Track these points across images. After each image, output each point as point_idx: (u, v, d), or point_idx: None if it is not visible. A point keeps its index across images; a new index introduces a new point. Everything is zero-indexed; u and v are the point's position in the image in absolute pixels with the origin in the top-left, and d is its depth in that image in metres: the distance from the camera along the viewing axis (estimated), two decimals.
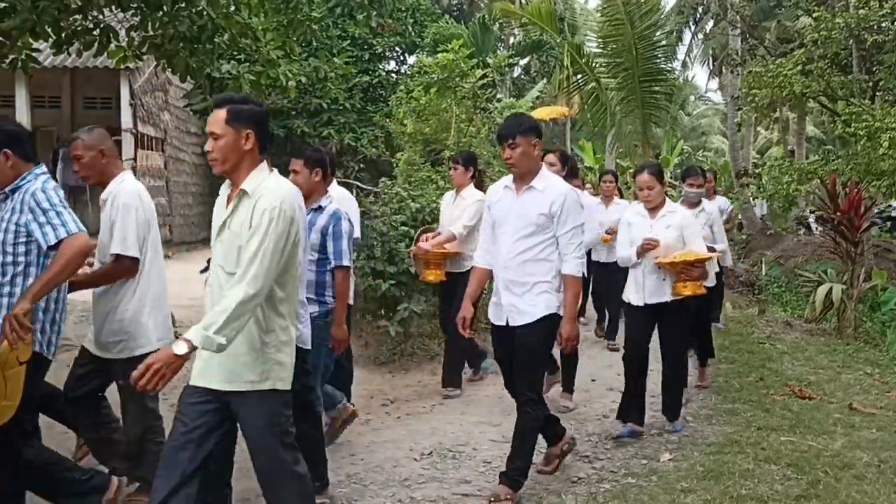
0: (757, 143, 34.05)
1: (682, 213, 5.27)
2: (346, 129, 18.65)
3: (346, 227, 4.51)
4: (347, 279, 4.58)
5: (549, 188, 4.17)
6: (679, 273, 4.99)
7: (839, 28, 11.69)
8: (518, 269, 4.16)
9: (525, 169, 4.18)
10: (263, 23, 7.09)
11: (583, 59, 16.28)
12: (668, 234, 5.10)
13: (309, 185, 4.48)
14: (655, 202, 5.20)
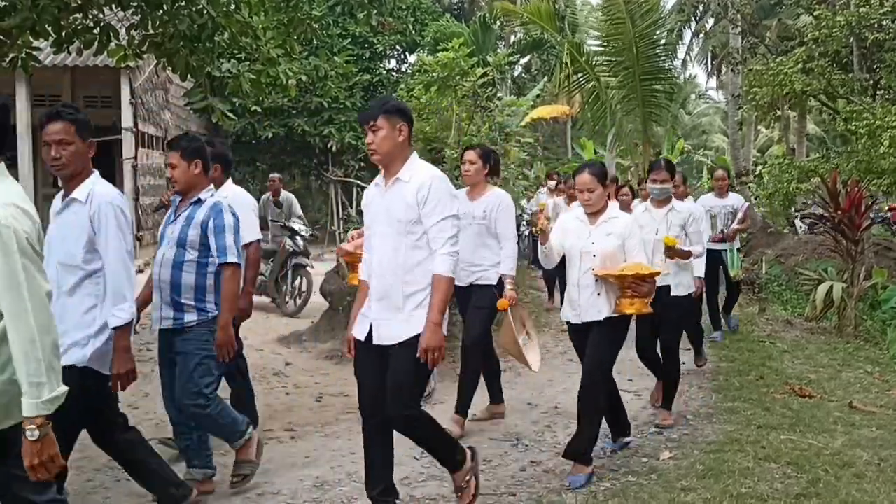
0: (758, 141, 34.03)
1: (626, 221, 4.62)
2: (346, 128, 18.66)
3: (229, 221, 4.07)
4: (236, 278, 4.15)
5: (415, 176, 3.63)
6: (626, 288, 4.37)
7: (840, 26, 11.67)
8: (391, 278, 3.62)
9: (388, 156, 3.65)
10: (264, 21, 7.10)
11: (583, 58, 16.27)
12: (608, 242, 4.48)
13: (187, 178, 4.11)
14: (596, 206, 4.55)
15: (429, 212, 3.56)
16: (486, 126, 11.02)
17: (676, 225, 5.64)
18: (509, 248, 5.32)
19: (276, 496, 4.26)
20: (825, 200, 9.67)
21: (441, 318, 3.55)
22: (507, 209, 5.37)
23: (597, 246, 4.48)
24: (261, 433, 5.53)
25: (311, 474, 4.60)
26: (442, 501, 4.13)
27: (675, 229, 5.61)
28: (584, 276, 4.48)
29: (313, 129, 18.53)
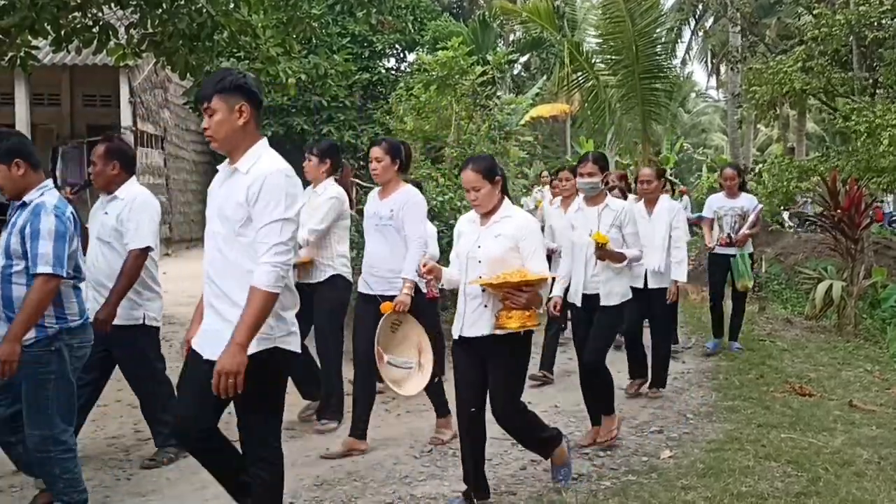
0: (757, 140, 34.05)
1: (519, 222, 3.98)
2: (346, 127, 18.63)
3: (47, 225, 3.49)
4: (46, 289, 3.47)
5: (255, 168, 3.07)
6: (504, 299, 3.81)
7: (839, 25, 11.68)
8: (220, 284, 3.11)
9: (226, 143, 3.12)
10: (263, 20, 7.09)
11: (582, 57, 16.28)
12: (496, 245, 3.90)
13: (10, 182, 3.66)
14: (485, 206, 3.98)
15: (259, 211, 3.01)
16: (486, 125, 11.03)
17: (610, 225, 5.02)
18: (414, 249, 4.75)
19: None
20: (825, 199, 9.67)
21: (248, 338, 2.92)
22: (416, 207, 4.87)
23: (483, 250, 3.93)
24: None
25: (310, 473, 4.59)
26: (442, 500, 4.13)
27: (610, 230, 5.00)
28: (470, 285, 3.95)
29: (312, 127, 18.49)
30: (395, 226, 4.83)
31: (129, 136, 14.85)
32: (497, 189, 3.98)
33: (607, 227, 4.98)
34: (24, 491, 4.45)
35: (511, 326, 3.82)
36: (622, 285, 5.00)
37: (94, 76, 15.69)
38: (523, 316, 3.82)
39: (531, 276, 3.81)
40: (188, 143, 19.10)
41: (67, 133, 16.86)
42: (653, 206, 6.54)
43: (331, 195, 5.32)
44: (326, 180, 5.45)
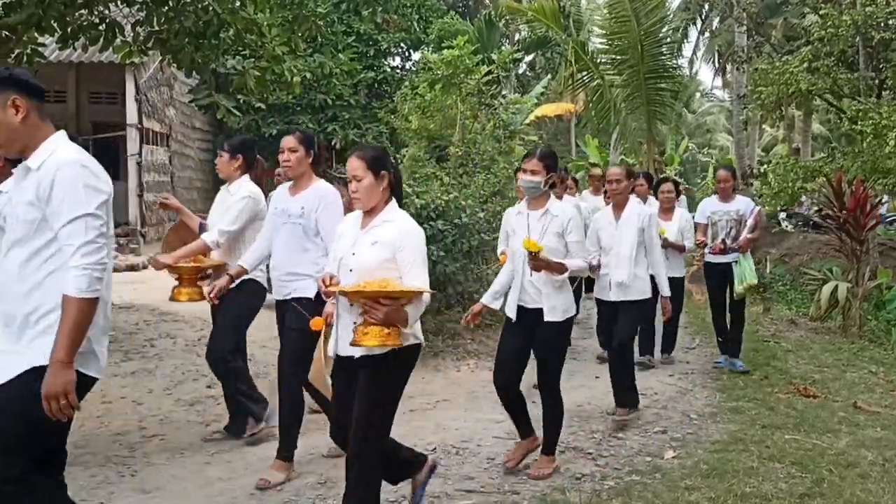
0: (762, 140, 33.99)
1: (400, 228, 3.40)
2: (350, 126, 18.66)
3: None
4: None
5: (48, 163, 2.72)
6: (363, 312, 3.27)
7: (846, 25, 11.65)
8: (13, 300, 2.71)
9: (9, 143, 2.79)
10: (269, 18, 7.10)
11: (588, 56, 16.26)
12: (371, 253, 3.38)
13: None
14: (364, 203, 3.47)
15: (55, 210, 2.66)
16: (491, 124, 11.03)
17: (552, 232, 4.39)
18: None
19: (280, 493, 4.26)
20: (830, 200, 9.65)
21: (71, 353, 2.59)
22: (333, 208, 4.47)
23: (356, 258, 3.42)
24: (265, 430, 5.55)
25: (314, 471, 4.59)
26: (445, 499, 4.13)
27: (551, 238, 4.37)
28: (341, 299, 3.46)
29: (317, 126, 18.52)
30: (304, 224, 4.46)
31: (133, 133, 14.89)
32: (381, 185, 3.44)
33: (549, 235, 4.36)
34: None
35: (366, 344, 3.27)
36: (566, 300, 4.42)
37: (100, 73, 15.72)
38: (382, 333, 3.25)
39: (393, 287, 3.23)
40: (193, 140, 19.13)
41: (73, 130, 16.84)
42: (621, 211, 5.65)
43: (244, 194, 4.97)
44: (240, 178, 5.09)
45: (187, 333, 7.78)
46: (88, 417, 5.75)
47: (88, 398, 5.37)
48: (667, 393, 6.28)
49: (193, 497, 4.26)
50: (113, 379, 6.70)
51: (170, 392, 6.24)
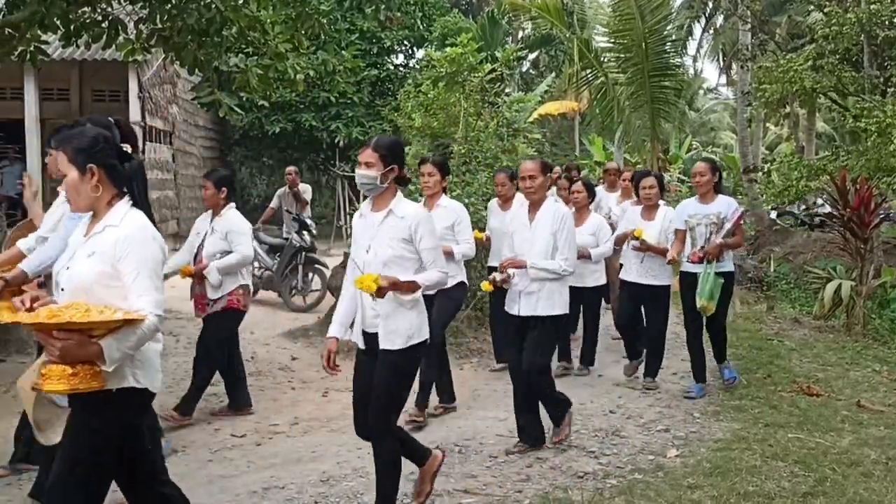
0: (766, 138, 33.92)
1: (120, 234, 2.76)
2: (354, 123, 18.65)
3: None
4: None
5: None
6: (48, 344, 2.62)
7: (850, 23, 11.61)
8: None
9: None
10: (272, 16, 7.09)
11: (592, 54, 16.23)
12: (86, 267, 2.79)
13: None
14: (74, 203, 2.91)
15: None
16: (494, 122, 11.00)
17: (397, 238, 3.68)
18: None
19: (282, 490, 4.27)
20: (834, 198, 9.62)
21: None
22: None
23: (69, 272, 2.82)
24: (267, 427, 5.56)
25: (317, 469, 4.60)
26: (447, 497, 4.13)
27: (397, 245, 3.68)
28: None
29: (321, 124, 18.52)
30: None
31: (137, 131, 14.89)
32: (90, 183, 2.83)
33: (386, 241, 3.68)
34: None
35: (51, 390, 2.64)
36: (409, 322, 3.68)
37: (103, 71, 15.72)
38: (65, 374, 2.59)
39: (73, 315, 2.54)
40: (196, 138, 19.13)
41: None
42: (536, 211, 4.90)
43: (59, 201, 4.38)
44: None
45: (189, 331, 7.79)
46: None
47: None
48: (670, 391, 6.28)
49: (196, 494, 4.25)
50: None
51: (172, 390, 6.24)
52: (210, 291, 5.57)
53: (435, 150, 11.06)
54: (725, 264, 6.03)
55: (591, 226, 6.86)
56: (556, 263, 4.77)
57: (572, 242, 4.87)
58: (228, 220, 5.63)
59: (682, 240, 6.17)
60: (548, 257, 4.79)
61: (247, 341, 7.93)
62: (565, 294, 4.90)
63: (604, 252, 6.80)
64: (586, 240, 6.63)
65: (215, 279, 5.51)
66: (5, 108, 15.44)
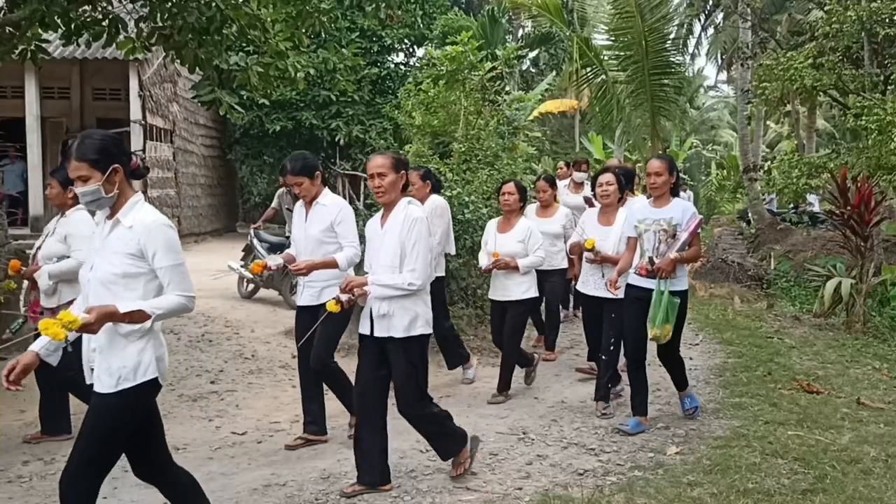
0: (767, 136, 33.88)
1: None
2: (354, 121, 18.65)
3: None
4: None
5: None
6: None
7: (851, 21, 11.61)
8: None
9: None
10: (272, 14, 7.10)
11: (592, 52, 16.23)
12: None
13: None
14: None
15: None
16: (494, 120, 11.01)
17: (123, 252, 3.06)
18: None
19: (283, 487, 4.28)
20: (834, 196, 9.62)
21: None
22: None
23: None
24: (267, 425, 5.56)
25: (317, 466, 4.61)
26: (447, 494, 4.13)
27: None
28: None
29: (321, 122, 18.52)
30: None
31: (137, 129, 14.92)
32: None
33: (111, 256, 3.06)
34: (33, 482, 4.48)
35: None
36: (124, 360, 3.03)
37: (104, 70, 15.74)
38: None
39: None
40: (197, 136, 19.13)
41: (77, 126, 16.90)
42: (388, 214, 4.23)
43: None
44: None
45: (190, 330, 7.80)
46: None
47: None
48: (670, 389, 6.26)
49: None
50: None
51: (173, 388, 6.26)
52: (44, 299, 5.01)
53: (436, 148, 11.07)
54: (680, 281, 5.11)
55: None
56: (400, 278, 4.08)
57: (423, 252, 4.09)
58: (72, 221, 4.99)
59: (633, 248, 5.39)
60: (395, 269, 4.11)
61: (247, 339, 7.95)
62: (426, 312, 4.20)
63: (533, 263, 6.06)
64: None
65: (44, 284, 4.95)
66: (6, 106, 15.46)
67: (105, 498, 4.20)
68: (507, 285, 6.11)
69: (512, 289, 6.09)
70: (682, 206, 5.27)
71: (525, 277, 6.08)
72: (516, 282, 6.07)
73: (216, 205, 20.00)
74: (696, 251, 5.24)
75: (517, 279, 6.07)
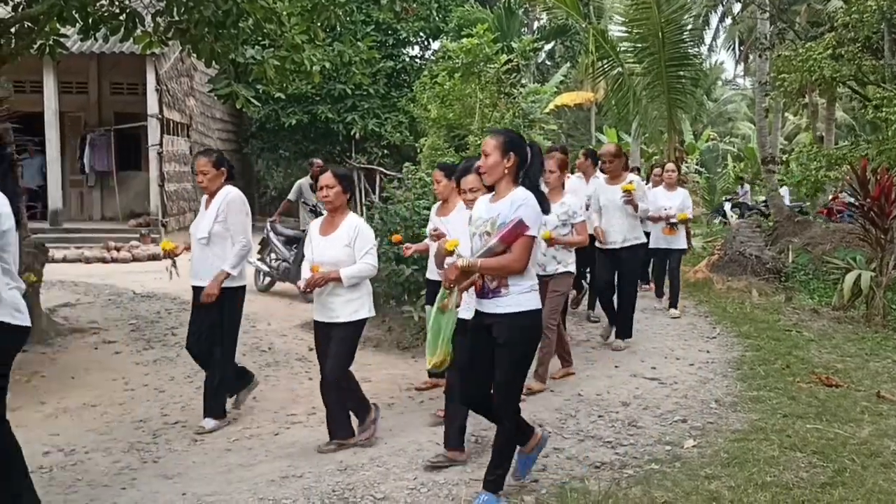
0: (785, 129, 33.62)
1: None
2: (370, 115, 18.68)
3: None
4: None
5: None
6: None
7: (871, 11, 11.48)
8: None
9: None
10: (288, 7, 7.11)
11: (608, 44, 16.13)
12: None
13: None
14: None
15: None
16: (510, 113, 10.99)
17: None
18: None
19: (300, 479, 4.29)
20: (854, 188, 9.53)
21: None
22: None
23: None
24: (284, 417, 5.59)
25: (334, 458, 4.62)
26: (464, 486, 4.14)
27: None
28: None
29: (337, 116, 18.56)
30: None
31: (154, 123, 14.99)
32: None
33: None
34: (54, 472, 4.53)
35: None
36: None
37: (121, 64, 15.84)
38: None
39: None
40: (213, 130, 19.21)
41: (95, 121, 17.04)
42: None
43: None
44: None
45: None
46: (111, 404, 5.81)
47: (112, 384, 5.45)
48: (687, 382, 6.25)
49: (214, 483, 4.31)
50: (135, 367, 6.78)
51: (191, 380, 6.30)
52: None
53: (451, 141, 11.06)
54: (508, 300, 3.74)
55: None
56: None
57: None
58: None
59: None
60: None
61: (264, 332, 7.99)
62: None
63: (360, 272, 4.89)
64: None
65: None
66: (25, 101, 15.56)
67: (124, 489, 4.25)
68: (331, 303, 4.78)
69: (337, 308, 4.78)
70: (512, 199, 3.74)
71: (354, 292, 4.78)
72: (344, 298, 4.76)
73: None
74: (508, 259, 3.68)
75: (344, 295, 4.76)
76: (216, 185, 5.38)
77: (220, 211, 5.30)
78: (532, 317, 3.78)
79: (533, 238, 3.72)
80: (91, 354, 7.09)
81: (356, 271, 4.72)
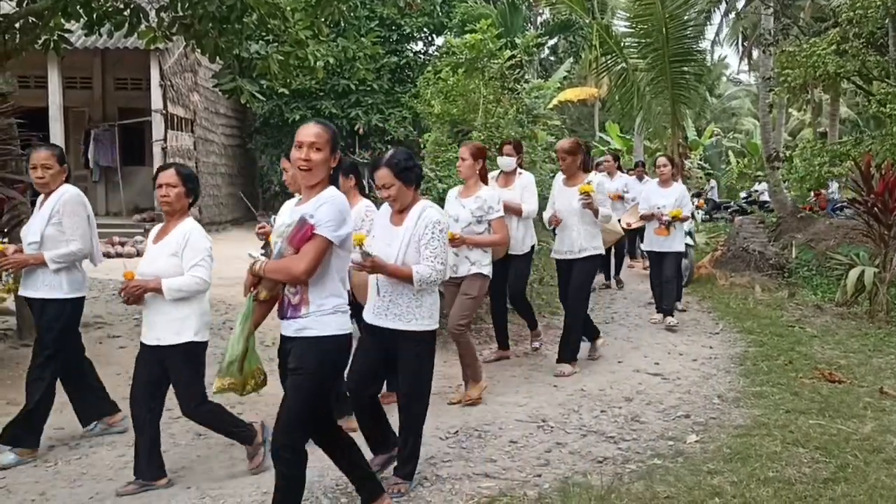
0: (789, 125, 33.55)
1: None
2: (373, 110, 18.68)
3: None
4: None
5: None
6: None
7: (875, 6, 11.45)
8: None
9: None
10: (292, 3, 7.12)
11: (612, 40, 16.10)
12: None
13: None
14: None
15: None
16: (514, 108, 10.97)
17: None
18: None
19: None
20: (858, 184, 9.52)
21: None
22: None
23: None
24: None
25: None
26: (466, 481, 4.15)
27: None
28: None
29: (340, 111, 18.57)
30: None
31: (158, 118, 15.01)
32: None
33: None
34: (59, 466, 4.55)
35: None
36: None
37: (125, 59, 15.86)
38: None
39: None
40: (218, 126, 19.23)
41: (99, 116, 17.07)
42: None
43: None
44: None
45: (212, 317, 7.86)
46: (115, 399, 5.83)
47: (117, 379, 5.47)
48: (690, 377, 6.26)
49: (219, 476, 4.33)
50: None
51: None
52: None
53: (455, 137, 11.06)
54: (308, 321, 3.31)
55: None
56: None
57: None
58: None
59: None
60: None
61: (268, 327, 7.99)
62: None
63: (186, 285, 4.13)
64: None
65: None
66: (29, 96, 15.59)
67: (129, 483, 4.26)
68: (156, 323, 4.08)
69: (160, 328, 4.08)
70: (322, 198, 3.32)
71: (182, 309, 4.07)
72: (170, 317, 4.06)
73: (237, 194, 20.14)
74: (280, 266, 3.27)
75: (170, 313, 4.06)
76: (58, 182, 4.74)
77: (54, 211, 4.67)
78: (334, 343, 3.27)
79: (327, 241, 3.18)
80: (95, 349, 7.11)
81: (181, 284, 4.02)
